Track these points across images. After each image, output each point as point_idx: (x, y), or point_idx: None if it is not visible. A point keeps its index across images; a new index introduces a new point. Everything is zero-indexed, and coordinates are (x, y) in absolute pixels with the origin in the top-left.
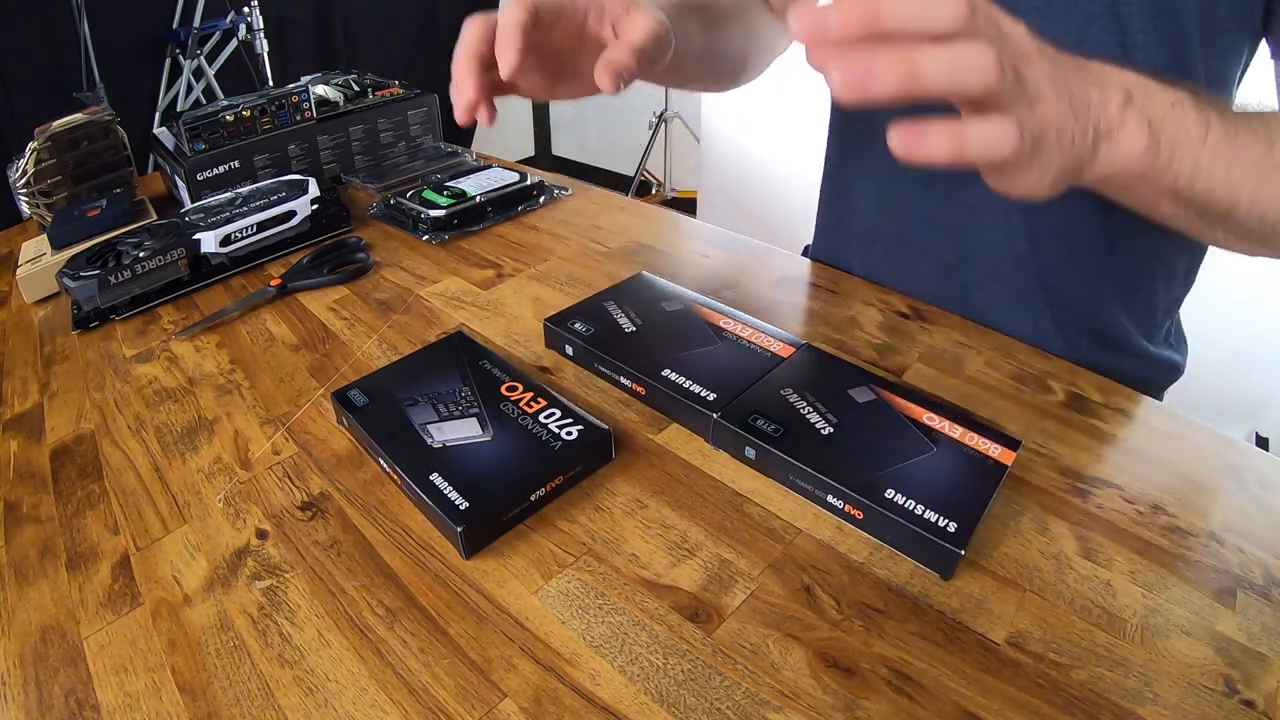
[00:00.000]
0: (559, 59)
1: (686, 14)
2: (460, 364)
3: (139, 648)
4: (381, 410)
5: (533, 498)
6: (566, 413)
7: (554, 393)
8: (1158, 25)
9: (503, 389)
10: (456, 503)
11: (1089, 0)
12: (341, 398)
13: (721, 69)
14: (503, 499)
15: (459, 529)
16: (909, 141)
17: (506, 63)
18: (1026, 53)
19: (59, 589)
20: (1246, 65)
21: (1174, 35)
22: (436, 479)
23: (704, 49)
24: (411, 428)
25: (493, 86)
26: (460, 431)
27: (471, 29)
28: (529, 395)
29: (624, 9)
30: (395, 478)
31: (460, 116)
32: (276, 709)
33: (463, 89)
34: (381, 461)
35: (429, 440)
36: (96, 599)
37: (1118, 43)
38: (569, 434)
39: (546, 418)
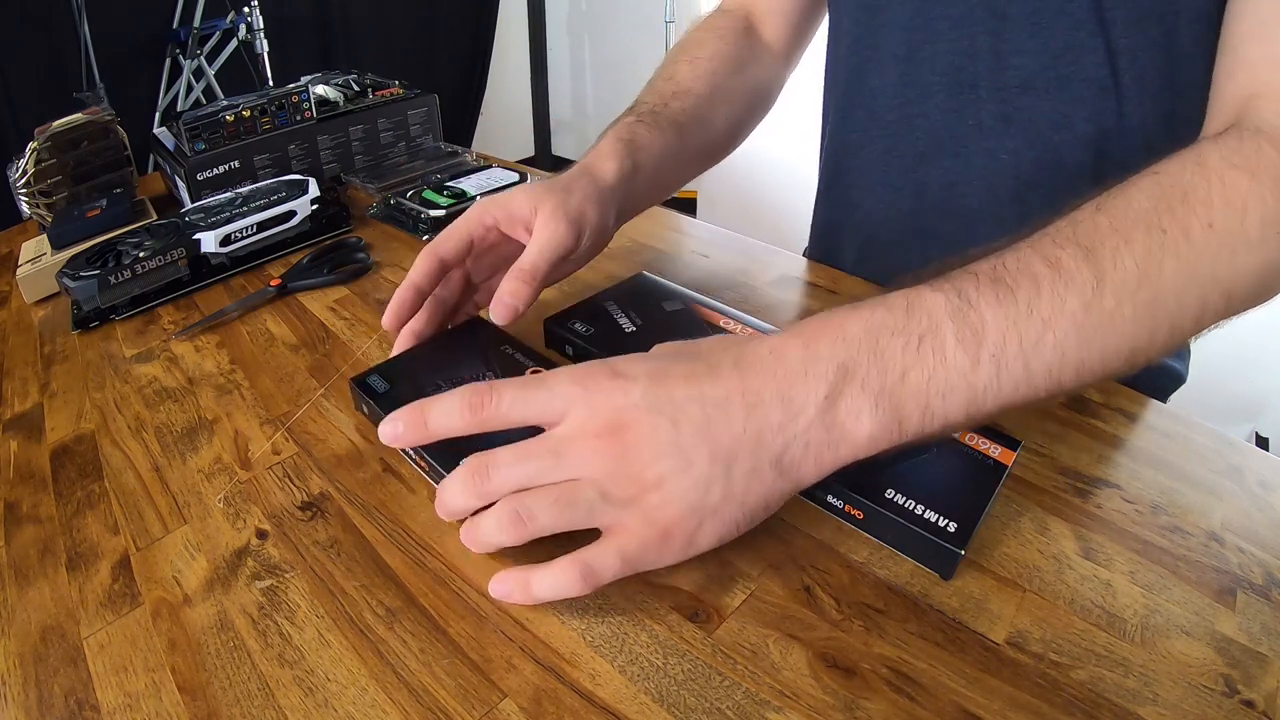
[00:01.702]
0: (493, 271)
1: (654, 137)
2: (483, 349)
3: (139, 648)
4: (403, 397)
5: None
6: None
7: None
8: (1144, 29)
9: (528, 374)
10: None
11: (1076, 6)
12: (361, 384)
13: (709, 158)
14: None
15: None
16: (500, 593)
17: (388, 326)
18: (617, 447)
19: (59, 589)
20: None
21: (1161, 40)
22: None
23: (685, 154)
24: None
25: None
26: None
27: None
28: None
29: (532, 212)
30: (422, 464)
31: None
32: (276, 709)
33: (388, 318)
34: (405, 450)
35: None
36: (96, 599)
37: (1105, 48)
38: None
39: None
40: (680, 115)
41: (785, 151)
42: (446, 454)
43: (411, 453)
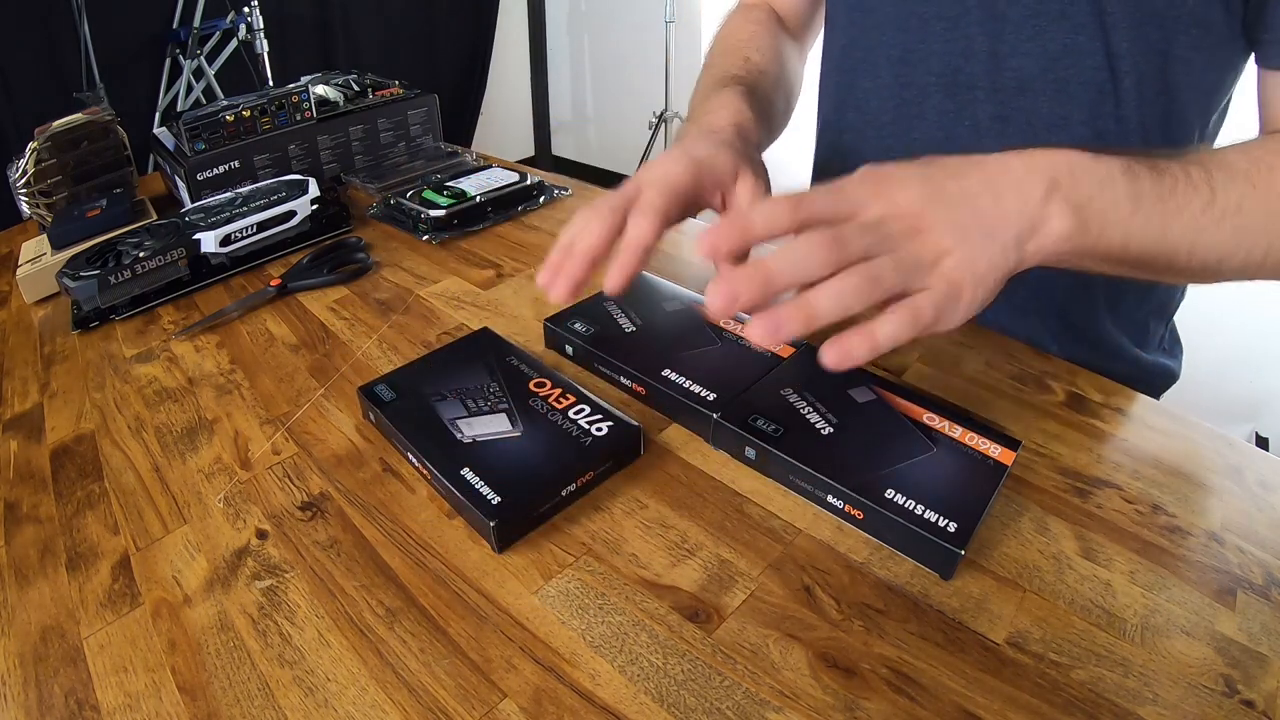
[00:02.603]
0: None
1: (754, 107)
2: (487, 360)
3: (139, 648)
4: (409, 405)
5: (564, 493)
6: (596, 409)
7: (583, 389)
8: (1144, 34)
9: (531, 385)
10: (489, 497)
11: (1076, 9)
12: (368, 393)
13: (773, 135)
14: (534, 494)
15: (491, 523)
16: (838, 356)
17: (615, 286)
18: (918, 225)
19: (59, 589)
20: (1237, 77)
21: (1161, 44)
22: (468, 474)
23: (766, 132)
24: (441, 423)
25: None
26: (490, 427)
27: (593, 226)
28: (557, 391)
29: (732, 175)
30: (425, 473)
31: (556, 289)
32: (276, 709)
33: (562, 281)
34: (410, 456)
35: (459, 435)
36: (96, 599)
37: (1104, 51)
38: (599, 430)
39: (576, 414)
40: (763, 93)
41: (784, 152)
42: (441, 454)
43: (411, 457)
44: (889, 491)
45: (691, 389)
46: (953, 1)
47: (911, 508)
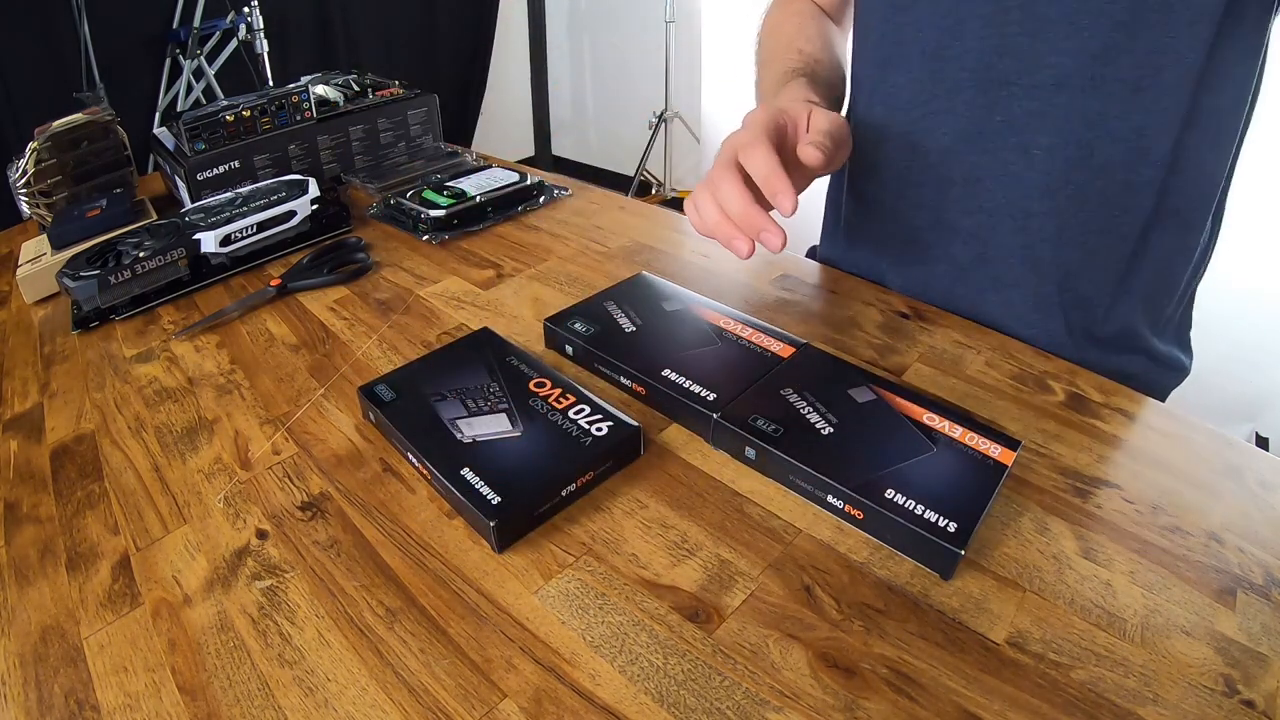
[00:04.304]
0: None
1: (818, 92)
2: (487, 360)
3: (139, 648)
4: (409, 405)
5: (564, 493)
6: (596, 409)
7: (583, 389)
8: (1194, 29)
9: (531, 385)
10: (489, 497)
11: (1117, 7)
12: (368, 393)
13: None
14: (534, 494)
15: (492, 523)
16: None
17: (788, 203)
18: None
19: (59, 589)
20: (1263, 69)
21: (1209, 39)
22: (468, 474)
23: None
24: (440, 423)
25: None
26: (490, 427)
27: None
28: (557, 391)
29: (805, 111)
30: (425, 473)
31: (748, 248)
32: (276, 709)
33: (745, 241)
34: (410, 456)
35: (459, 435)
36: (96, 599)
37: (1146, 49)
38: (599, 430)
39: (576, 414)
40: (823, 79)
41: None
42: (441, 454)
43: (411, 457)
44: (889, 491)
45: (691, 389)
46: (991, 0)
47: (911, 508)
